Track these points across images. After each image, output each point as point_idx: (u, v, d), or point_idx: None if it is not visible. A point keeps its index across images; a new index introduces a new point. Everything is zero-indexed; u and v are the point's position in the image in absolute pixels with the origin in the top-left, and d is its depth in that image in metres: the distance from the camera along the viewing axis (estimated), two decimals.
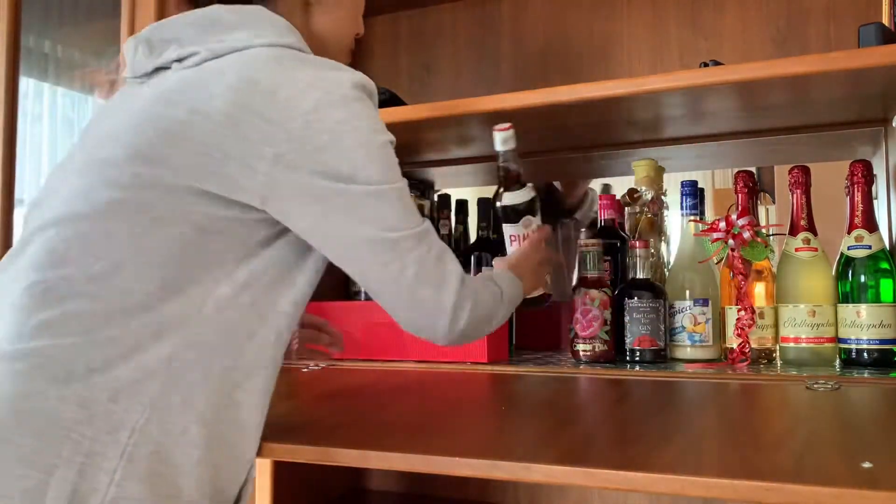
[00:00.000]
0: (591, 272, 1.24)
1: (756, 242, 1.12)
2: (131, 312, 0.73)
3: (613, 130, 1.32)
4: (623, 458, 0.70)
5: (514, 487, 1.42)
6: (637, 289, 1.22)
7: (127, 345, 0.72)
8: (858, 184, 1.14)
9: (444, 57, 1.65)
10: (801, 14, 1.36)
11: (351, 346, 1.34)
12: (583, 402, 1.04)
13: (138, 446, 0.71)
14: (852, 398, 0.93)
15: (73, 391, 0.70)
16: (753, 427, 0.84)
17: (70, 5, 1.69)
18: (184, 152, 0.74)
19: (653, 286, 1.22)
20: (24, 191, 1.58)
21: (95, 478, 0.69)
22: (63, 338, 0.72)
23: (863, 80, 1.00)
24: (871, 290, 1.11)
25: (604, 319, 1.23)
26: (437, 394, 1.10)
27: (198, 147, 0.74)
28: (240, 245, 0.77)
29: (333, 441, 0.82)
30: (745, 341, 1.13)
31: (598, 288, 1.23)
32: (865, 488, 0.59)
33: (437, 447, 0.77)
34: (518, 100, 1.10)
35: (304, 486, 1.30)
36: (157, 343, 0.73)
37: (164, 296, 0.74)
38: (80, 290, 0.73)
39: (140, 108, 0.79)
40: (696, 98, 1.10)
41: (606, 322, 1.23)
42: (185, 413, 0.73)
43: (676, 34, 1.45)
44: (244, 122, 0.74)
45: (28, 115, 1.62)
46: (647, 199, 1.31)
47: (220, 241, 0.76)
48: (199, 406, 0.74)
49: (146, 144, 0.76)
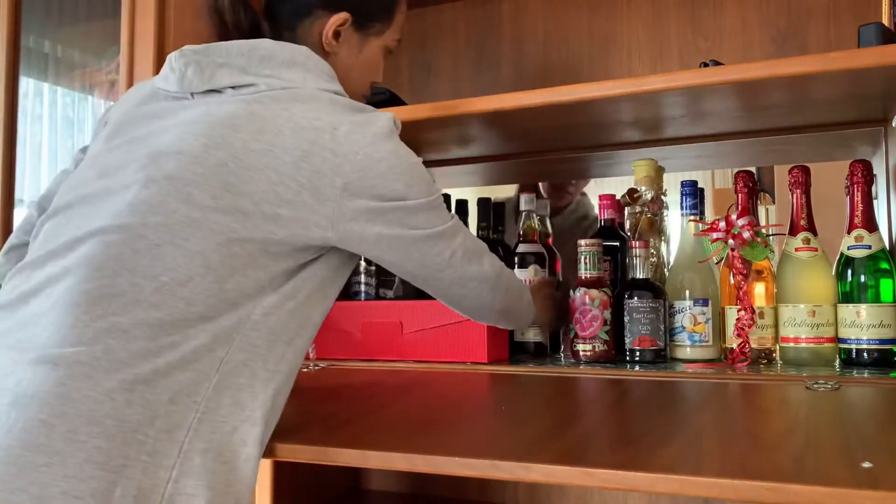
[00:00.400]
0: (591, 272, 1.25)
1: (756, 242, 1.12)
2: (192, 322, 0.78)
3: (613, 130, 1.32)
4: (623, 458, 0.70)
5: (514, 487, 1.42)
6: (637, 289, 1.22)
7: (186, 350, 0.77)
8: (858, 184, 1.14)
9: (444, 57, 1.65)
10: (801, 14, 1.36)
11: (351, 346, 1.34)
12: (583, 402, 1.04)
13: (193, 444, 0.75)
14: (852, 398, 0.93)
15: (139, 394, 0.74)
16: (753, 427, 0.84)
17: (70, 5, 1.69)
18: (262, 182, 0.81)
19: (653, 286, 1.22)
20: (24, 191, 1.58)
21: (156, 475, 0.73)
22: (131, 342, 0.75)
23: (863, 80, 1.00)
24: (870, 290, 1.11)
25: (604, 319, 1.23)
26: (437, 394, 1.10)
27: (274, 177, 0.82)
28: (293, 263, 0.84)
29: (333, 441, 0.83)
30: (745, 341, 1.13)
31: (597, 288, 1.24)
32: (865, 488, 0.59)
33: (437, 447, 0.77)
34: (518, 100, 1.10)
35: (304, 485, 1.30)
36: (212, 348, 0.78)
37: (222, 308, 0.80)
38: (148, 299, 0.77)
39: (202, 130, 0.84)
40: (696, 98, 1.10)
41: (606, 322, 1.23)
42: (234, 413, 0.79)
43: (676, 34, 1.45)
44: (315, 156, 0.82)
45: (28, 115, 1.62)
46: (647, 199, 1.31)
47: (279, 262, 0.83)
48: (247, 407, 0.80)
49: (224, 171, 0.82)
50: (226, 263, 0.80)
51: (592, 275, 1.25)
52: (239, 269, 0.81)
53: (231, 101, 0.86)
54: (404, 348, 1.30)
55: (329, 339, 1.34)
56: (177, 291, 0.78)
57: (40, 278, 0.81)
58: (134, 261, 0.78)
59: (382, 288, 1.47)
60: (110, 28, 1.45)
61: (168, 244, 0.79)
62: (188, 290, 0.78)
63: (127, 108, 0.93)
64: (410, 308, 1.30)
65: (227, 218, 0.80)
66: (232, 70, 0.88)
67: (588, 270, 1.25)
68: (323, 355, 1.34)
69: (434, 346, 1.28)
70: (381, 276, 1.47)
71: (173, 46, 1.33)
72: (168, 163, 0.82)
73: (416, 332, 1.29)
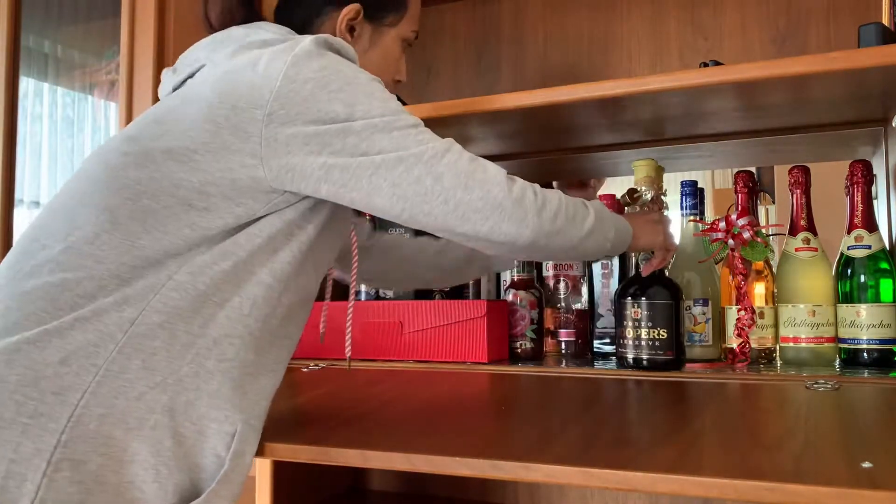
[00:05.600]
0: (521, 274, 1.34)
1: (756, 242, 1.12)
2: (102, 282, 0.74)
3: (613, 130, 1.32)
4: (623, 458, 0.70)
5: (514, 487, 1.42)
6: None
7: (87, 310, 0.73)
8: (858, 184, 1.14)
9: (444, 57, 1.65)
10: (801, 14, 1.36)
11: (351, 346, 1.34)
12: (583, 402, 1.04)
13: (88, 408, 0.71)
14: (852, 398, 0.93)
15: (24, 354, 0.71)
16: (753, 427, 0.84)
17: (70, 5, 1.69)
18: (176, 130, 0.78)
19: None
20: (25, 191, 1.58)
21: (41, 438, 0.69)
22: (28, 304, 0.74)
23: (863, 80, 1.00)
24: (870, 289, 1.11)
25: (531, 319, 1.31)
26: (437, 394, 1.10)
27: (187, 123, 0.77)
28: (231, 220, 0.77)
29: (333, 441, 0.83)
30: (745, 341, 1.13)
31: (525, 289, 1.32)
32: (865, 488, 0.59)
33: (437, 447, 0.77)
34: (518, 100, 1.10)
35: (303, 485, 1.30)
36: (120, 308, 0.74)
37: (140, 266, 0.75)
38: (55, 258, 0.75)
39: (145, 114, 0.84)
40: (696, 98, 1.10)
41: (534, 321, 1.31)
42: (142, 378, 0.73)
43: (676, 34, 1.45)
44: (233, 94, 0.76)
45: (28, 115, 1.62)
46: (647, 199, 1.31)
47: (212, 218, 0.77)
48: (159, 372, 0.74)
49: (142, 127, 0.81)
50: (136, 218, 0.76)
51: (522, 276, 1.33)
52: (155, 226, 0.76)
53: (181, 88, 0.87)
54: (404, 348, 1.30)
55: (329, 339, 1.34)
56: (84, 249, 0.75)
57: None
58: (50, 225, 0.79)
59: (382, 288, 1.47)
60: (110, 28, 1.45)
61: (78, 204, 0.78)
62: (95, 247, 0.75)
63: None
64: (410, 308, 1.30)
65: (136, 172, 0.77)
66: (196, 62, 0.87)
67: (518, 272, 1.33)
68: (323, 355, 1.34)
69: (434, 346, 1.28)
70: None
71: (173, 46, 1.34)
72: (109, 142, 0.84)
73: (416, 332, 1.29)
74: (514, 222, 0.78)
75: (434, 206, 0.76)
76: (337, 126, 0.75)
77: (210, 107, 0.77)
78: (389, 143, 0.76)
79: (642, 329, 1.12)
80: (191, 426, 0.75)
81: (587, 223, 0.86)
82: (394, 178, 0.75)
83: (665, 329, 1.11)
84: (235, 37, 0.86)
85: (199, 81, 0.83)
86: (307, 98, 0.76)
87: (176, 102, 0.82)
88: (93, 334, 0.73)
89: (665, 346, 1.11)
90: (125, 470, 0.72)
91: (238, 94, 0.77)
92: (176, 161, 0.77)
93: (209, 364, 0.76)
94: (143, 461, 0.73)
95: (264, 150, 0.76)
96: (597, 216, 0.88)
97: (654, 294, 1.13)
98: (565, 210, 0.83)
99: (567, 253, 0.87)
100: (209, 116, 0.77)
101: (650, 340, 1.12)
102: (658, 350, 1.12)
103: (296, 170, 0.76)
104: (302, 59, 0.77)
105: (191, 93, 0.82)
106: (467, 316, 1.25)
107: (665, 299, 1.12)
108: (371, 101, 0.77)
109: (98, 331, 0.73)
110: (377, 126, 0.76)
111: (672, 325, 1.12)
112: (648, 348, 1.12)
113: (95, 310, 0.73)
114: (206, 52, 0.87)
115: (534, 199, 0.80)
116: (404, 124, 0.77)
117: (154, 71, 1.31)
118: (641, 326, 1.12)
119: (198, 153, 0.76)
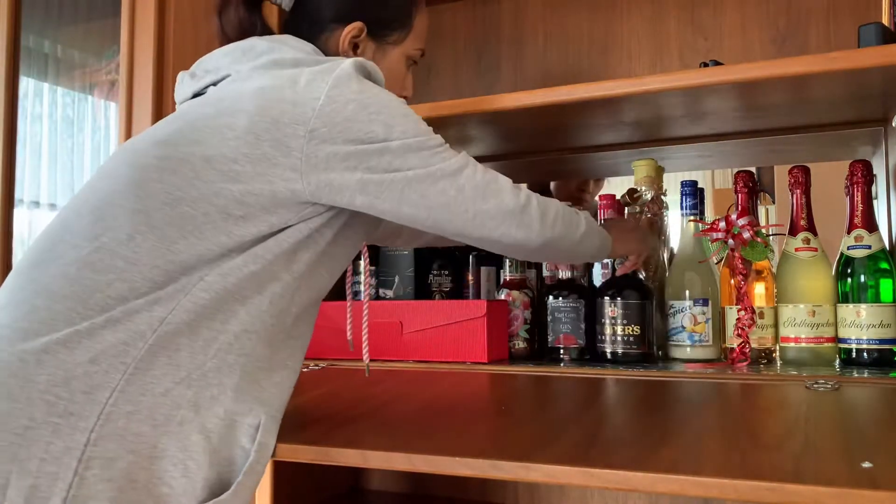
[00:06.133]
0: (514, 274, 1.34)
1: (756, 242, 1.12)
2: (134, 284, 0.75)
3: (613, 130, 1.32)
4: (623, 458, 0.70)
5: (514, 487, 1.42)
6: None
7: (119, 311, 0.74)
8: (858, 184, 1.14)
9: (444, 57, 1.65)
10: (801, 14, 1.36)
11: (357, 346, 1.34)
12: (583, 402, 1.04)
13: (118, 405, 0.72)
14: (852, 398, 0.93)
15: (52, 355, 0.72)
16: (753, 427, 0.84)
17: (70, 5, 1.69)
18: (216, 139, 0.79)
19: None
20: (25, 191, 1.58)
21: (72, 437, 0.71)
22: (57, 303, 0.75)
23: (863, 80, 1.00)
24: (870, 289, 1.11)
25: (524, 319, 1.31)
26: (437, 394, 1.10)
27: (228, 133, 0.79)
28: (265, 228, 0.80)
29: (333, 441, 0.83)
30: (745, 341, 1.13)
31: (519, 289, 1.32)
32: (865, 488, 0.59)
33: (437, 447, 0.77)
34: (518, 100, 1.10)
35: (303, 485, 1.30)
36: (150, 309, 0.75)
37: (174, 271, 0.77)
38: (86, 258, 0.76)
39: (173, 118, 0.86)
40: (696, 98, 1.10)
41: (527, 321, 1.32)
42: (168, 374, 0.75)
43: (676, 34, 1.45)
44: (274, 109, 0.79)
45: (28, 115, 1.62)
46: (647, 199, 1.31)
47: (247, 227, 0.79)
48: (183, 367, 0.76)
49: (176, 135, 0.81)
50: (173, 223, 0.77)
51: (515, 276, 1.34)
52: (192, 232, 0.77)
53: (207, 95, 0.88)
54: (404, 348, 1.30)
55: (329, 339, 1.34)
56: (117, 250, 0.76)
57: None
58: (76, 224, 0.79)
59: (382, 288, 1.47)
60: (110, 28, 1.45)
61: (107, 205, 0.79)
62: (129, 248, 0.76)
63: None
64: (410, 308, 1.30)
65: (173, 177, 0.78)
66: (218, 72, 0.89)
67: (511, 272, 1.34)
68: (323, 355, 1.34)
69: (434, 346, 1.28)
70: (381, 276, 1.47)
71: (173, 46, 1.34)
72: (136, 143, 0.85)
73: (416, 332, 1.29)
74: (522, 228, 0.86)
75: (456, 214, 0.84)
76: (376, 146, 0.80)
77: (250, 119, 0.79)
78: (419, 160, 0.82)
79: (618, 326, 1.21)
80: (217, 421, 0.77)
81: (581, 228, 0.94)
82: (422, 191, 0.82)
83: (638, 326, 1.22)
84: (260, 50, 0.88)
85: (232, 92, 0.84)
86: (349, 118, 0.79)
87: (209, 111, 0.82)
88: (123, 333, 0.74)
89: (639, 342, 1.22)
90: (154, 466, 0.73)
91: (279, 108, 0.79)
92: (216, 170, 0.78)
93: (230, 358, 0.78)
94: (172, 457, 0.74)
95: (304, 165, 0.79)
96: (587, 222, 0.96)
97: (628, 294, 1.23)
98: (563, 216, 0.91)
99: (566, 255, 0.97)
100: (250, 128, 0.79)
101: (625, 336, 1.21)
102: (633, 345, 1.22)
103: (333, 184, 0.80)
104: (343, 80, 0.81)
105: (225, 103, 0.82)
106: (467, 316, 1.25)
107: (637, 299, 1.23)
108: (407, 122, 0.82)
109: (129, 330, 0.74)
110: (411, 146, 0.82)
111: (644, 322, 1.22)
112: (623, 343, 1.22)
113: (126, 311, 0.74)
114: (228, 60, 0.89)
115: (537, 207, 0.88)
116: (433, 144, 0.84)
117: (154, 71, 1.31)
118: (617, 323, 1.21)
119: (238, 163, 0.78)
